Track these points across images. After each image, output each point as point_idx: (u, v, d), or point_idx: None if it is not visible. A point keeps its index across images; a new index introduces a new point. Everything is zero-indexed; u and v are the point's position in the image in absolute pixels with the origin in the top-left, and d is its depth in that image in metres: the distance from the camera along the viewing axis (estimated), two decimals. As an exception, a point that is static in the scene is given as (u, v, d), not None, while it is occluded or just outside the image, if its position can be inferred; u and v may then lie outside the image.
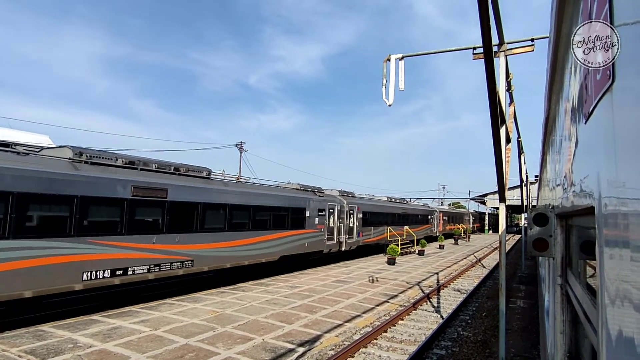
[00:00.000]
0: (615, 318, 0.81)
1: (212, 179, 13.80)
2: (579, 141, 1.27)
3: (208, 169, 13.71)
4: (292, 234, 16.72)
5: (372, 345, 8.04)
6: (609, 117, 0.79)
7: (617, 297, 0.80)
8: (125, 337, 7.78)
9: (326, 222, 19.26)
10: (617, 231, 0.79)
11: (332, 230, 19.82)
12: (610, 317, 0.85)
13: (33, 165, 8.41)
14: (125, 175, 10.33)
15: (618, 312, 0.79)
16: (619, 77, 0.75)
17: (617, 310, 0.80)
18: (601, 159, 0.88)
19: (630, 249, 0.71)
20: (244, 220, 14.26)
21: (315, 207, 18.38)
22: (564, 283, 2.24)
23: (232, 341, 7.79)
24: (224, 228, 13.29)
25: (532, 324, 10.07)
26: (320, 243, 18.86)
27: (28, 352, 6.82)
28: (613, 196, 0.79)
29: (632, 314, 0.70)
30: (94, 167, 9.77)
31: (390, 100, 8.80)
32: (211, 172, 13.88)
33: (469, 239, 44.49)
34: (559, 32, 1.67)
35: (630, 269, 0.71)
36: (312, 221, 18.10)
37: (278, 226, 15.98)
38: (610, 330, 0.85)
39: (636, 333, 0.68)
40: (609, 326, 0.86)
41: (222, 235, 13.20)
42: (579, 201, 1.29)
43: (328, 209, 19.55)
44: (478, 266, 21.93)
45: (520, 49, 7.84)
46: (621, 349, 0.77)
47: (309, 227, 17.82)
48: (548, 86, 2.38)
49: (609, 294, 0.86)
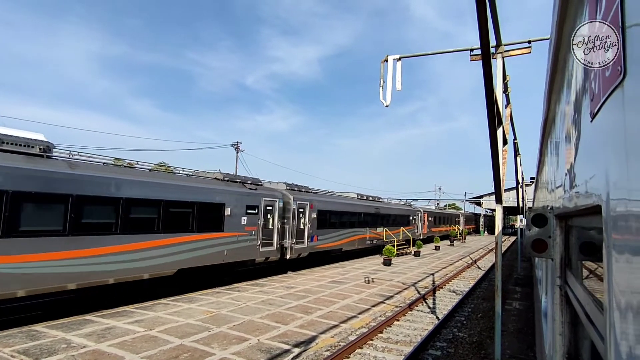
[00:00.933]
0: (624, 322, 0.79)
1: (50, 158, 9.34)
2: (584, 140, 1.26)
3: (46, 143, 9.36)
4: (199, 238, 12.39)
5: (368, 346, 8.02)
6: (619, 114, 0.78)
7: (625, 300, 0.78)
8: (120, 338, 7.71)
9: (260, 222, 15.00)
10: (626, 232, 0.77)
11: (270, 234, 15.73)
12: (617, 320, 0.83)
13: None
14: None
15: (626, 316, 0.77)
16: (631, 74, 0.73)
17: (626, 313, 0.78)
18: (610, 156, 0.86)
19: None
20: (108, 220, 10.01)
21: (241, 202, 14.20)
22: (563, 284, 2.23)
23: (228, 341, 7.74)
24: (63, 231, 8.96)
25: (527, 326, 10.10)
26: (250, 250, 14.54)
27: (21, 352, 6.74)
28: (622, 194, 0.77)
29: None
30: None
31: (388, 100, 8.80)
32: (52, 148, 9.51)
33: (464, 241, 44.66)
34: (561, 30, 1.65)
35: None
36: (236, 221, 13.93)
37: (174, 227, 11.69)
38: (617, 334, 0.83)
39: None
40: (616, 330, 0.84)
41: (58, 242, 8.86)
42: (582, 201, 1.27)
43: (263, 206, 15.32)
44: (473, 267, 22.00)
45: (518, 51, 7.86)
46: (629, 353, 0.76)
47: (230, 228, 13.57)
48: (548, 86, 2.38)
49: (617, 296, 0.84)
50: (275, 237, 16.01)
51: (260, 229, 15.05)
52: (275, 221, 15.98)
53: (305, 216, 17.85)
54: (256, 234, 14.87)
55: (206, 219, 12.77)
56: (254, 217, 14.81)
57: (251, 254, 14.73)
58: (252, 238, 14.67)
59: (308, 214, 17.98)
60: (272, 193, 16.22)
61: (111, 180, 10.13)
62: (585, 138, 1.23)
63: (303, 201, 17.83)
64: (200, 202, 12.58)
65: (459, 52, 8.74)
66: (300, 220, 17.53)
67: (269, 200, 15.74)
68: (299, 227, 17.43)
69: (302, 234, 17.61)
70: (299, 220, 17.48)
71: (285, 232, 16.66)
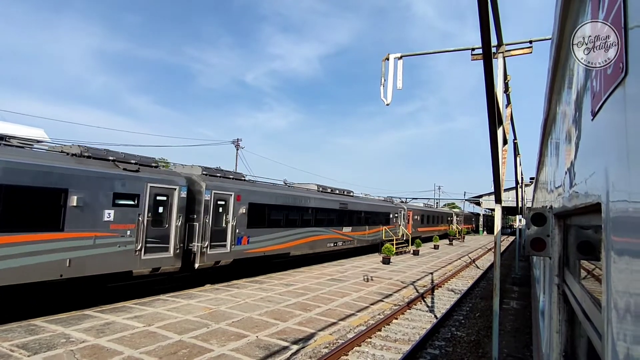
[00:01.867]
0: (621, 320, 0.80)
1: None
2: (584, 139, 1.27)
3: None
4: (9, 241, 8.25)
5: (366, 344, 8.04)
6: (620, 112, 0.78)
7: (623, 298, 0.79)
8: (119, 333, 7.73)
9: (142, 218, 10.82)
10: (625, 230, 0.78)
11: (165, 234, 11.49)
12: (615, 318, 0.84)
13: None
14: None
15: (624, 314, 0.78)
16: (632, 72, 0.74)
17: (623, 311, 0.78)
18: (611, 155, 0.86)
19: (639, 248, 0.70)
20: None
21: (103, 188, 10.05)
22: (561, 283, 2.25)
23: (226, 338, 7.76)
24: None
25: (524, 325, 10.13)
26: (120, 258, 10.27)
27: (20, 347, 6.76)
28: (622, 194, 0.77)
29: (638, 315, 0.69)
30: None
31: (389, 99, 8.80)
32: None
33: (463, 240, 44.75)
34: (563, 30, 1.66)
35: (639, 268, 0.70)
36: (93, 216, 9.77)
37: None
38: (615, 332, 0.84)
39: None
40: (613, 329, 0.85)
41: None
42: (582, 199, 1.28)
43: (151, 195, 11.12)
44: (472, 267, 22.04)
45: (519, 51, 7.85)
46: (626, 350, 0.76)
47: (78, 226, 9.46)
48: (549, 85, 2.38)
49: (614, 294, 0.85)
50: (173, 239, 11.65)
51: (142, 228, 10.80)
52: (173, 217, 11.72)
53: (228, 211, 13.66)
54: (134, 235, 10.60)
55: (26, 212, 8.63)
56: (129, 210, 10.58)
57: (123, 264, 10.35)
58: (124, 241, 10.38)
59: (233, 208, 13.79)
60: (168, 178, 11.83)
61: None
62: (586, 136, 1.23)
63: (224, 191, 13.58)
64: (13, 185, 8.34)
65: (460, 51, 8.73)
66: (221, 216, 13.47)
67: (160, 187, 11.42)
68: (218, 225, 13.32)
69: (223, 235, 13.43)
70: (219, 216, 13.38)
71: (195, 232, 12.53)
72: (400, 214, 29.97)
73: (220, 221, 13.42)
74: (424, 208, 40.37)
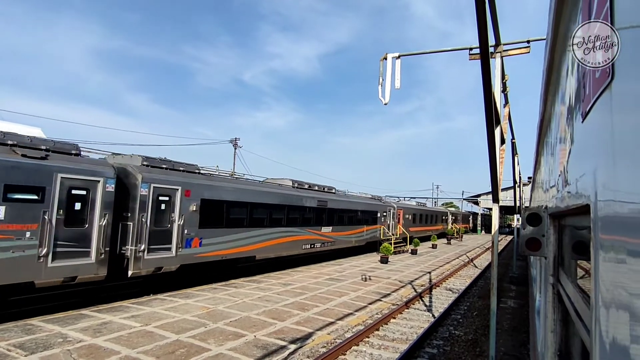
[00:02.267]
0: (609, 317, 0.81)
1: None
2: (576, 140, 1.28)
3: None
4: None
5: (364, 344, 8.06)
6: (607, 115, 0.79)
7: (610, 297, 0.80)
8: (116, 332, 7.72)
9: (49, 217, 8.77)
10: (612, 230, 0.79)
11: (85, 236, 9.55)
12: (603, 316, 0.85)
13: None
14: None
15: (611, 312, 0.80)
16: (619, 76, 0.75)
17: (610, 309, 0.80)
18: (599, 157, 0.88)
19: (626, 249, 0.71)
20: None
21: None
22: (555, 282, 2.26)
23: (224, 337, 7.77)
24: None
25: (522, 324, 10.17)
26: (14, 266, 8.16)
27: (17, 346, 6.75)
28: (610, 195, 0.79)
29: (625, 313, 0.70)
30: None
31: (386, 98, 8.81)
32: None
33: (461, 239, 44.87)
34: (557, 32, 1.67)
35: (625, 268, 0.71)
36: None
37: None
38: (602, 329, 0.85)
39: (628, 333, 0.69)
40: (601, 326, 0.87)
41: None
42: (573, 201, 1.29)
43: (60, 189, 9.05)
44: (470, 266, 22.09)
45: (516, 50, 7.88)
46: (613, 348, 0.78)
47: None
48: (544, 87, 2.39)
49: (603, 293, 0.86)
50: (96, 242, 9.67)
51: (49, 228, 8.77)
52: (95, 215, 9.72)
53: (173, 208, 11.66)
54: (36, 237, 8.54)
55: None
56: (29, 206, 8.52)
57: (18, 274, 8.29)
58: (21, 244, 8.29)
59: (180, 205, 11.79)
60: (89, 168, 9.75)
61: None
62: (577, 138, 1.24)
63: (168, 185, 11.55)
64: None
65: (457, 51, 8.75)
66: (164, 214, 11.43)
67: (77, 178, 9.39)
68: (160, 225, 11.29)
69: (166, 237, 11.42)
70: (161, 214, 11.35)
71: (129, 233, 10.55)
72: (390, 212, 28.23)
73: (162, 220, 11.35)
74: (416, 207, 37.93)
